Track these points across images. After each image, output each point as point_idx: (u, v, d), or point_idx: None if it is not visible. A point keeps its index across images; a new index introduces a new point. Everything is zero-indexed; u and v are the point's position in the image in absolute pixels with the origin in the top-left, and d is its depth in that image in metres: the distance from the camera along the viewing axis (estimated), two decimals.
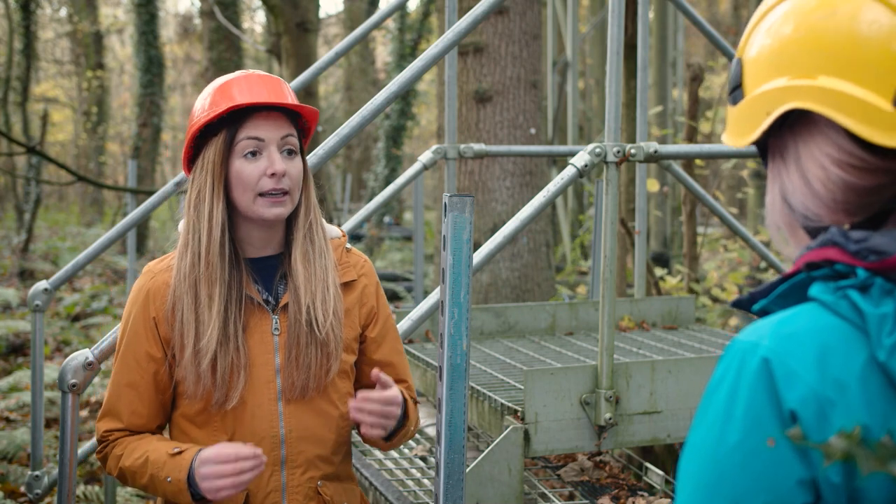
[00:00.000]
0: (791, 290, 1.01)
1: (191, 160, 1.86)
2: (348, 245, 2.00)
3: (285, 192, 1.81)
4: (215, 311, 1.78)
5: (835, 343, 0.93)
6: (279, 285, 1.88)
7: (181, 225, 1.87)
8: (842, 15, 0.99)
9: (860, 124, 0.95)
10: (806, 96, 0.99)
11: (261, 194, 1.80)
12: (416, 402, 2.01)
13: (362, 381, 2.00)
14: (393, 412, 1.82)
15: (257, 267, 1.88)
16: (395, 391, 1.83)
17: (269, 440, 1.84)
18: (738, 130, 1.08)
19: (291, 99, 1.85)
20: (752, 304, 1.05)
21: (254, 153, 1.80)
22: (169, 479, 1.76)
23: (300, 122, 1.90)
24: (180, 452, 1.77)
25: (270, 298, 1.87)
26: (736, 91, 1.08)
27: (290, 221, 1.89)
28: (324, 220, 1.94)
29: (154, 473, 1.78)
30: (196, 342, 1.79)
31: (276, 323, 1.85)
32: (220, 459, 1.72)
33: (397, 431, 1.90)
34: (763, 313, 1.03)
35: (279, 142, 1.81)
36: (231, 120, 1.80)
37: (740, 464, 0.93)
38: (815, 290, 0.98)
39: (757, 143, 1.08)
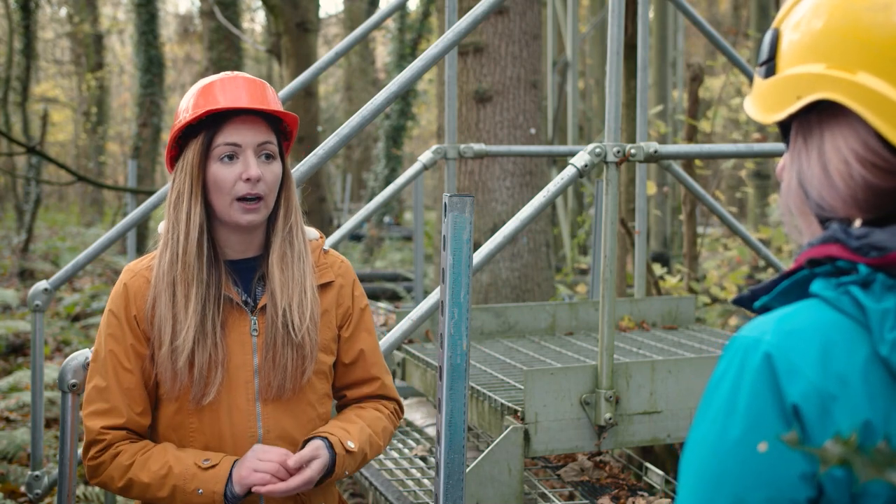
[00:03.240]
0: (792, 287, 1.01)
1: (174, 159, 1.88)
2: (326, 247, 2.01)
3: (259, 198, 1.83)
4: (191, 310, 1.80)
5: (837, 338, 0.93)
6: (258, 287, 1.90)
7: (161, 226, 1.90)
8: (893, 11, 0.96)
9: (893, 129, 0.94)
10: (841, 90, 0.96)
11: (237, 199, 1.82)
12: (397, 403, 2.05)
13: (336, 383, 2.02)
14: (307, 487, 1.81)
15: (237, 268, 1.90)
16: (308, 473, 1.78)
17: (247, 440, 1.85)
18: (764, 105, 1.05)
19: (273, 104, 1.86)
20: (753, 301, 1.05)
21: (230, 157, 1.82)
22: (200, 492, 1.77)
23: (282, 126, 1.91)
24: (213, 465, 1.79)
25: (249, 300, 1.89)
26: (768, 63, 1.05)
27: (269, 224, 1.91)
28: (303, 223, 1.95)
29: (179, 485, 1.78)
30: (172, 339, 1.81)
31: (255, 324, 1.87)
32: (259, 456, 1.77)
33: (323, 479, 1.87)
34: (764, 310, 1.03)
35: (256, 147, 1.83)
36: (210, 123, 1.82)
37: (743, 459, 0.93)
38: (817, 286, 0.98)
39: (780, 121, 1.06)
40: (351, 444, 1.86)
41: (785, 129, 1.07)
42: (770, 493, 0.92)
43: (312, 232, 2.00)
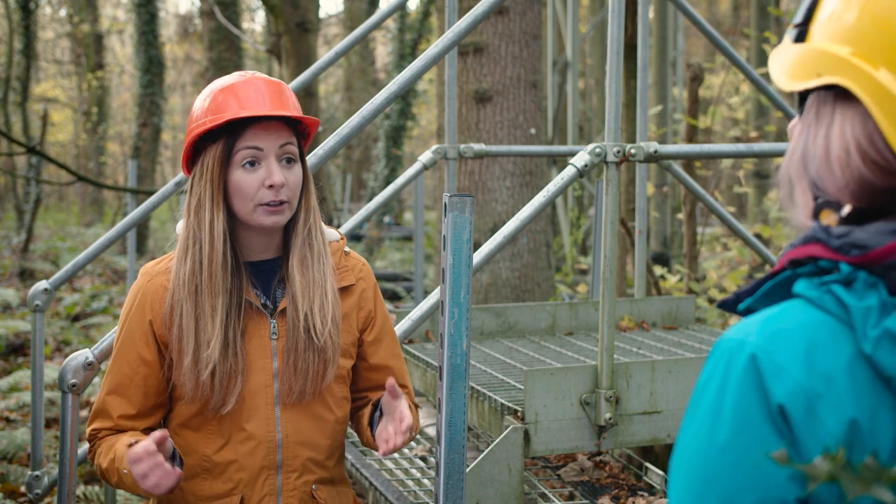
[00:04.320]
0: (776, 288, 1.01)
1: (190, 160, 1.86)
2: (346, 248, 1.99)
3: (283, 202, 1.80)
4: (218, 321, 1.77)
5: (821, 337, 0.94)
6: (277, 289, 1.88)
7: (180, 226, 1.86)
8: None
9: None
10: (859, 81, 0.95)
11: (260, 204, 1.79)
12: (416, 407, 2.01)
13: (359, 385, 2.00)
14: (409, 436, 1.79)
15: (255, 270, 1.88)
16: (406, 411, 1.78)
17: (266, 444, 1.84)
18: (787, 72, 1.04)
19: (293, 105, 1.84)
20: (737, 303, 1.05)
21: (252, 163, 1.79)
22: (125, 472, 1.73)
23: (300, 126, 1.89)
24: (136, 442, 1.73)
25: (268, 303, 1.87)
26: (801, 27, 1.04)
27: (289, 226, 1.88)
28: (323, 224, 1.93)
29: (119, 468, 1.75)
30: (197, 351, 1.78)
31: (274, 327, 1.85)
32: (134, 459, 1.66)
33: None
34: (748, 312, 1.03)
35: (278, 151, 1.80)
36: (229, 128, 1.79)
37: (731, 461, 0.93)
38: (800, 286, 0.98)
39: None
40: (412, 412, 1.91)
41: (802, 95, 1.06)
42: (760, 494, 0.92)
43: (333, 233, 1.97)
